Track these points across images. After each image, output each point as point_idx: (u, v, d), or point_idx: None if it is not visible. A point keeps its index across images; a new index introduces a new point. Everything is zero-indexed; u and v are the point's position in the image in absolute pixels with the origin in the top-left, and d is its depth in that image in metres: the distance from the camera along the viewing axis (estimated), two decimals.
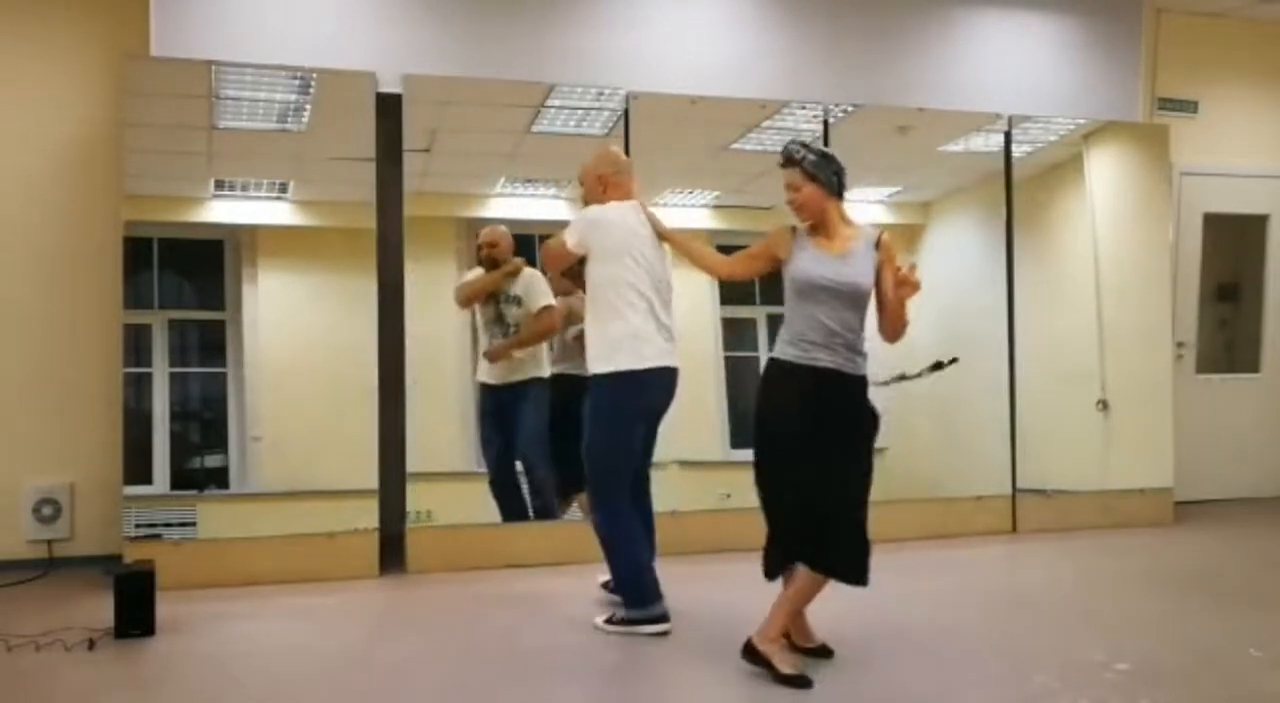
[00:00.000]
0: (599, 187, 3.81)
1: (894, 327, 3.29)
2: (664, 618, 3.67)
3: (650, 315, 3.65)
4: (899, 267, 3.25)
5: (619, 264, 3.64)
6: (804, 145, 3.28)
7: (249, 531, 4.59)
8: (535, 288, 4.82)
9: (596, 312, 3.70)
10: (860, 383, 3.25)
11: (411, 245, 4.86)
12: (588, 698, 3.12)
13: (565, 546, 4.83)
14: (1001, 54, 5.96)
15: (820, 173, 3.23)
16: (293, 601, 4.28)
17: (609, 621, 3.74)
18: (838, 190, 3.27)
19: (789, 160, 3.26)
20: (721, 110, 5.37)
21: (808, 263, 3.22)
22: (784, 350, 3.25)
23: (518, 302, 4.83)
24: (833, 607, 3.67)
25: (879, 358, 3.64)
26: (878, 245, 3.26)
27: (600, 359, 3.66)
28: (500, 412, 4.87)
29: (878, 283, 3.25)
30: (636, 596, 3.68)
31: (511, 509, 4.91)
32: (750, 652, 3.24)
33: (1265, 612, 3.98)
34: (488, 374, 4.89)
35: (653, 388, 3.69)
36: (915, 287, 3.19)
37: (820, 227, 3.27)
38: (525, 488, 4.95)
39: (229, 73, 4.70)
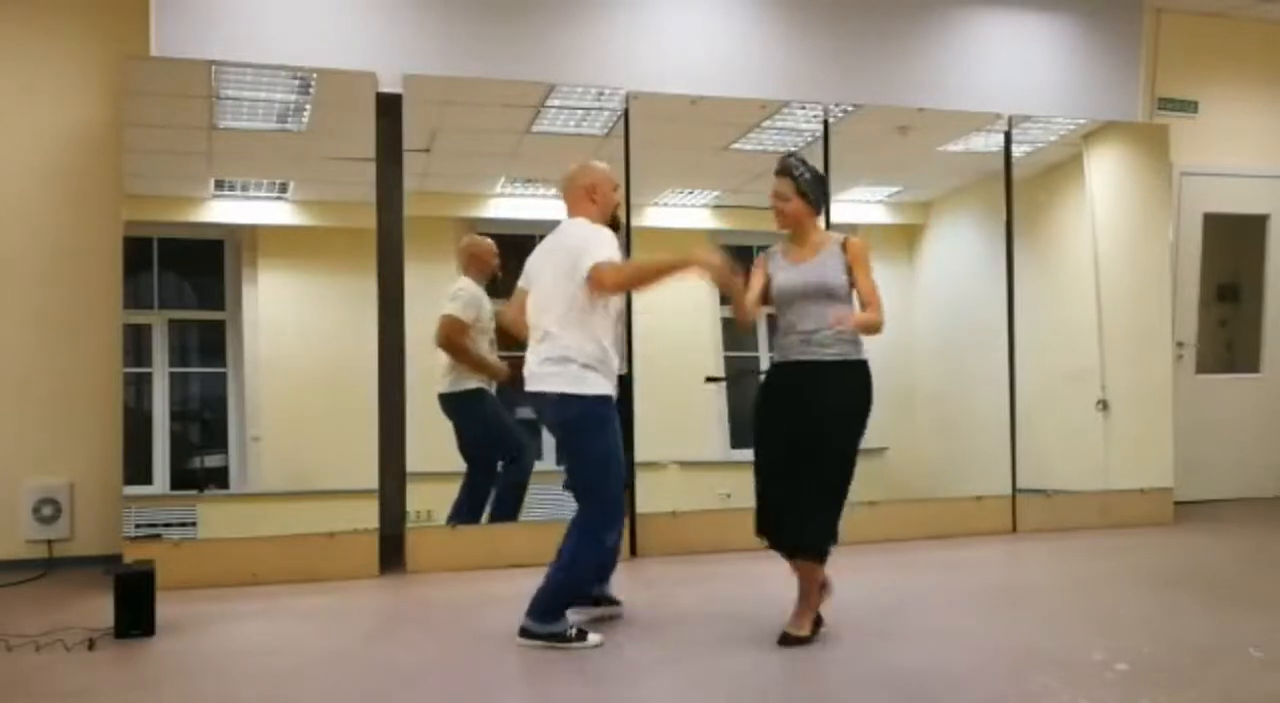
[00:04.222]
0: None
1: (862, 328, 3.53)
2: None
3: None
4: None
5: None
6: (803, 162, 3.58)
7: (249, 531, 4.59)
8: None
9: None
10: (841, 367, 3.48)
11: (412, 245, 4.86)
12: (586, 698, 3.12)
13: None
14: (1001, 54, 5.96)
15: (811, 192, 3.55)
16: (293, 601, 4.28)
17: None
18: (818, 207, 3.62)
19: (786, 172, 3.54)
20: (721, 110, 5.37)
21: (781, 276, 3.54)
22: (773, 355, 3.62)
23: None
24: (831, 605, 3.67)
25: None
26: (845, 247, 3.55)
27: None
28: None
29: (855, 280, 3.54)
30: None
31: None
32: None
33: (1265, 612, 3.98)
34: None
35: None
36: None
37: (796, 237, 3.60)
38: None
39: (229, 73, 4.70)
